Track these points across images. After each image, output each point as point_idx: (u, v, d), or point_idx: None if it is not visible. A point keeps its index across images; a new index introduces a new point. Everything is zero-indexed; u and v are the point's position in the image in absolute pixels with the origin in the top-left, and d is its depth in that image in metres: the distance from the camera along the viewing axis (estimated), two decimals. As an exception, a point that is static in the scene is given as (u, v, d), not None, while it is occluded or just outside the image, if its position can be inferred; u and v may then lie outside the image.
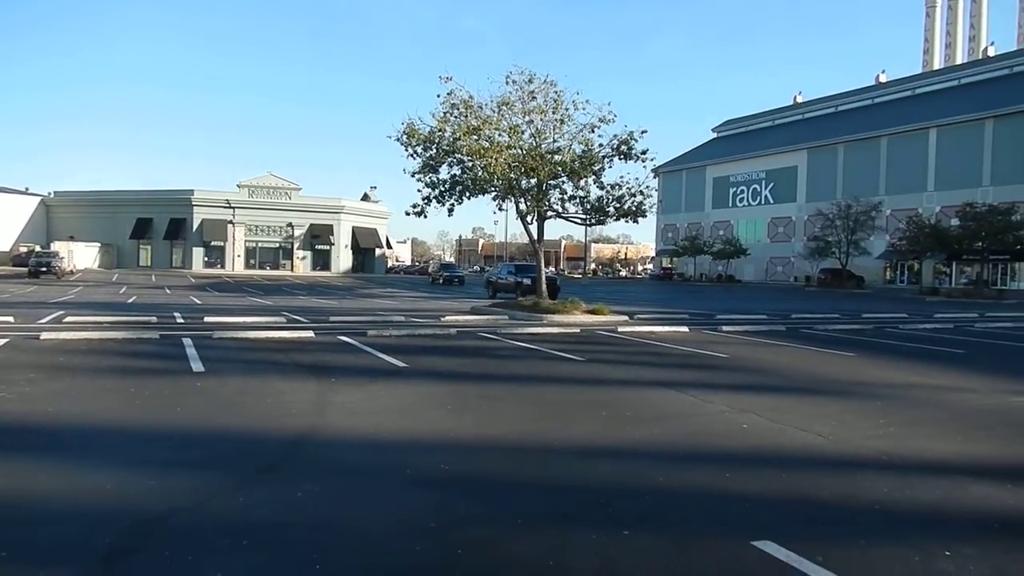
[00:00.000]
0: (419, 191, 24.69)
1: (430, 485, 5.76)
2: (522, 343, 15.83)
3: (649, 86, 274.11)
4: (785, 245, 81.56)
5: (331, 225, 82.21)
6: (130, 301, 28.95)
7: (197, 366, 11.52)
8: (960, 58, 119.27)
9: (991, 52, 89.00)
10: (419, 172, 24.39)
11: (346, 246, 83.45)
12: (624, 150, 23.44)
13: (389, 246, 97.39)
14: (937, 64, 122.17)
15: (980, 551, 4.57)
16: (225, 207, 78.04)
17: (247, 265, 78.76)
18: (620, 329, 19.13)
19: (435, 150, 23.85)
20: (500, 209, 26.29)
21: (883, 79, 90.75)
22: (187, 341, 14.43)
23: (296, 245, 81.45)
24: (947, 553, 4.52)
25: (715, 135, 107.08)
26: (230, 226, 78.29)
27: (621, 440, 7.33)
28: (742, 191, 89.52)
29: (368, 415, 8.34)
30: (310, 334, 16.56)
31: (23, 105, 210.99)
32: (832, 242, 60.49)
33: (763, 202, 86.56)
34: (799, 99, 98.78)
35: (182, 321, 19.48)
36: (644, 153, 23.56)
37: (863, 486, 5.93)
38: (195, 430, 7.58)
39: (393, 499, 5.45)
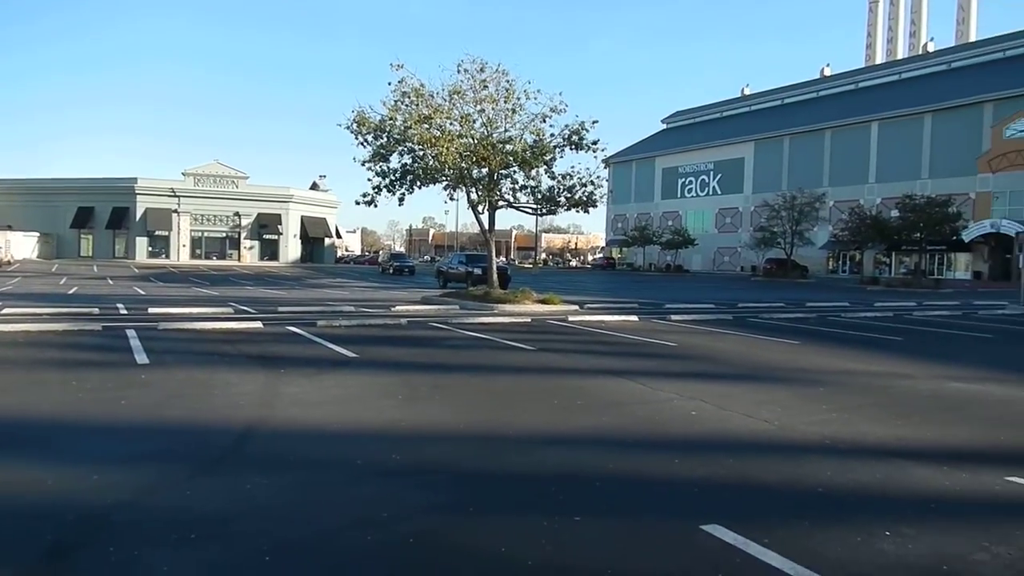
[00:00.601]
0: (369, 180, 24.49)
1: (381, 475, 5.73)
2: (473, 333, 15.83)
3: (601, 77, 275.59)
4: (732, 235, 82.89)
5: (279, 214, 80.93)
6: (71, 292, 28.12)
7: (142, 358, 11.26)
8: (901, 53, 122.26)
9: (930, 48, 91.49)
10: (369, 161, 24.17)
11: (295, 236, 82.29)
12: (575, 140, 23.54)
13: (339, 236, 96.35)
14: (879, 58, 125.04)
15: (918, 531, 4.73)
16: (170, 196, 76.23)
17: (193, 255, 77.13)
18: (570, 318, 19.25)
19: (386, 139, 23.65)
20: (451, 199, 26.24)
21: (827, 72, 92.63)
22: (131, 333, 14.08)
23: (243, 235, 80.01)
24: (887, 533, 4.66)
25: (665, 126, 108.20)
26: (175, 215, 76.54)
27: (572, 428, 7.39)
28: (691, 182, 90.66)
29: (318, 406, 8.26)
30: (258, 325, 16.30)
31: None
32: (777, 232, 61.68)
33: (711, 193, 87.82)
34: (747, 91, 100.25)
35: (125, 312, 19.00)
36: (595, 143, 23.70)
37: (807, 470, 6.08)
38: (140, 423, 7.41)
39: (344, 490, 5.41)
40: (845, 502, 5.32)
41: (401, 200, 24.80)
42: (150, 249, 76.06)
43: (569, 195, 24.17)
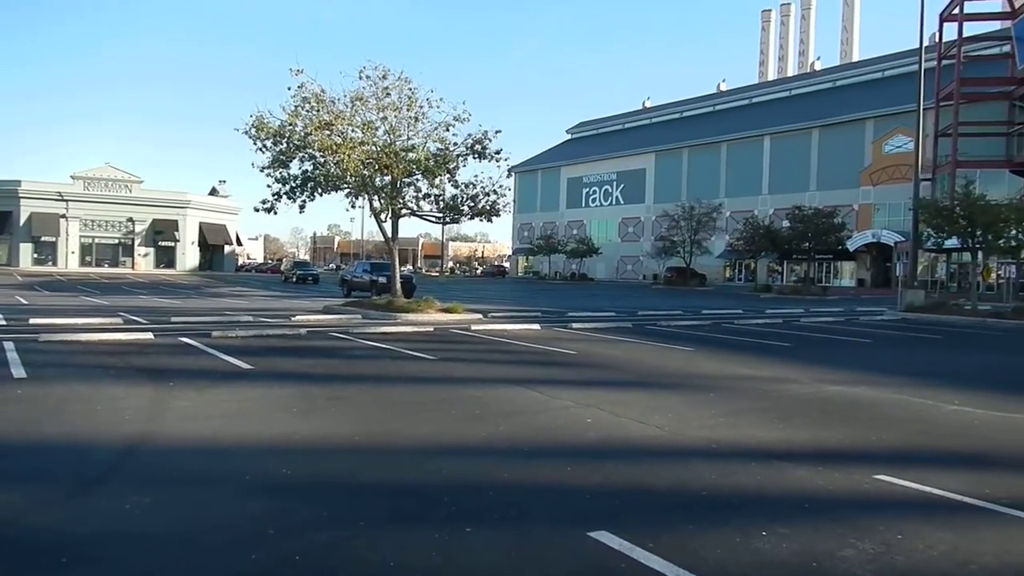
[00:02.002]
0: (269, 187, 23.91)
1: (270, 490, 5.61)
2: (374, 343, 15.67)
3: (507, 88, 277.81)
4: (635, 244, 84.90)
5: (176, 220, 78.02)
6: (-59, 302, 26.33)
7: (19, 372, 10.65)
8: (791, 70, 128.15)
9: (817, 66, 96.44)
10: (269, 167, 23.61)
11: (193, 243, 79.49)
12: (479, 149, 23.63)
13: (239, 243, 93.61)
14: (771, 75, 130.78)
15: (792, 530, 4.96)
16: (57, 200, 72.40)
17: (83, 263, 73.46)
18: (474, 327, 19.32)
19: (286, 144, 23.15)
20: (353, 207, 25.92)
21: (723, 88, 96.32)
22: (8, 345, 13.30)
23: (137, 241, 76.77)
24: (764, 533, 4.87)
25: (569, 136, 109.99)
26: (63, 220, 72.75)
27: (468, 438, 7.42)
28: (595, 192, 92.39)
29: (208, 420, 8.01)
30: (149, 336, 15.68)
31: None
32: (677, 242, 63.58)
33: (614, 203, 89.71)
34: (648, 104, 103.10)
35: (4, 323, 17.94)
36: (498, 153, 23.87)
37: (693, 474, 6.29)
38: (15, 440, 7.02)
39: (230, 507, 5.27)
40: (727, 504, 5.53)
41: (302, 208, 24.35)
42: (35, 256, 72.07)
43: (472, 204, 24.26)
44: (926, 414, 9.13)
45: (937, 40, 56.17)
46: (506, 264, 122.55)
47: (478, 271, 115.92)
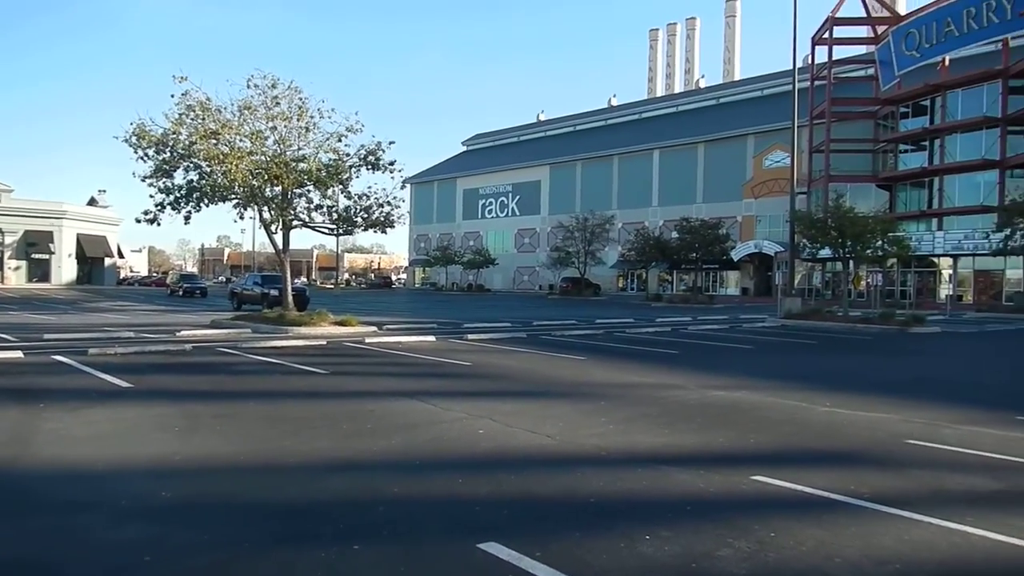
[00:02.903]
0: (152, 197, 22.93)
1: (148, 515, 5.38)
2: (264, 357, 15.26)
3: (403, 101, 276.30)
4: (531, 255, 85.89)
5: (51, 232, 73.57)
6: None
7: None
8: (678, 87, 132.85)
9: (702, 84, 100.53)
10: (151, 176, 22.65)
11: (70, 255, 75.15)
12: (372, 161, 23.42)
13: (121, 255, 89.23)
14: (660, 91, 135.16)
15: (674, 532, 5.14)
16: (-87, 210, 67.16)
17: (-56, 276, 68.32)
18: (368, 340, 19.10)
19: (169, 153, 22.28)
20: (241, 218, 25.16)
21: (615, 103, 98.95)
22: None
23: (8, 254, 71.96)
24: (647, 537, 5.03)
25: (465, 148, 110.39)
26: (-79, 232, 67.51)
27: (359, 453, 7.33)
28: (491, 203, 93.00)
29: (82, 443, 7.60)
30: (18, 355, 14.74)
31: None
32: (572, 253, 64.67)
33: (510, 214, 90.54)
34: (542, 117, 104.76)
35: None
36: (392, 164, 23.70)
37: (582, 481, 6.42)
38: None
39: (103, 534, 5.02)
40: (613, 510, 5.67)
41: (187, 219, 23.45)
42: None
43: (366, 215, 24.02)
44: (800, 416, 9.63)
45: (810, 62, 59.49)
46: (402, 276, 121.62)
47: (363, 283, 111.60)
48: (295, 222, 24.01)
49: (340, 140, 23.16)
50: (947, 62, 52.08)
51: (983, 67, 49.82)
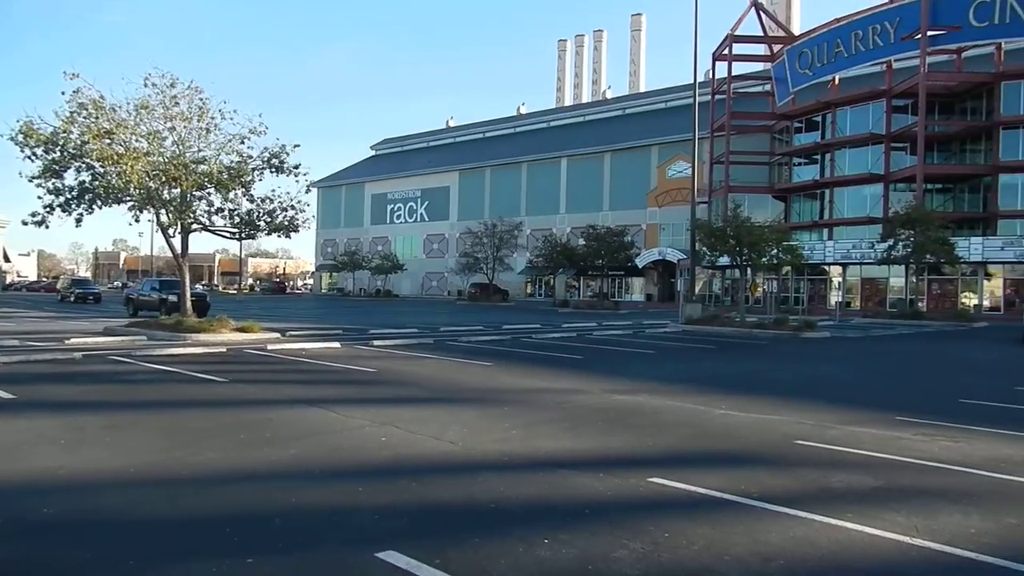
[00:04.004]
0: (40, 198, 21.74)
1: (27, 533, 5.10)
2: (159, 365, 14.69)
3: (311, 101, 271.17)
4: (440, 261, 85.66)
5: (-77, 233, 68.92)
6: None
7: None
8: (586, 97, 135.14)
9: (609, 95, 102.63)
10: (39, 177, 21.48)
11: (-55, 258, 70.57)
12: (276, 163, 22.91)
13: (7, 259, 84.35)
14: (568, 101, 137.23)
15: (572, 535, 5.22)
16: None
17: None
18: (270, 347, 18.65)
19: (59, 153, 21.19)
20: (137, 220, 24.11)
21: (523, 111, 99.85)
22: None
23: None
24: (546, 541, 5.10)
25: (374, 153, 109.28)
26: None
27: (256, 463, 7.15)
28: (399, 208, 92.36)
29: (-46, 459, 7.14)
30: None
31: None
32: (481, 258, 64.86)
33: (419, 219, 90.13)
34: (451, 123, 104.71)
35: None
36: (297, 167, 23.24)
37: (484, 487, 6.45)
38: None
39: (-25, 555, 4.74)
40: (513, 515, 5.72)
41: (79, 221, 22.32)
42: None
43: (270, 219, 23.44)
44: (697, 419, 9.95)
45: (711, 77, 61.62)
46: (308, 281, 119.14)
47: (256, 288, 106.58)
48: (195, 226, 23.22)
49: (243, 142, 22.59)
50: (837, 81, 54.94)
51: (869, 87, 52.73)
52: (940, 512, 5.91)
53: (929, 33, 47.68)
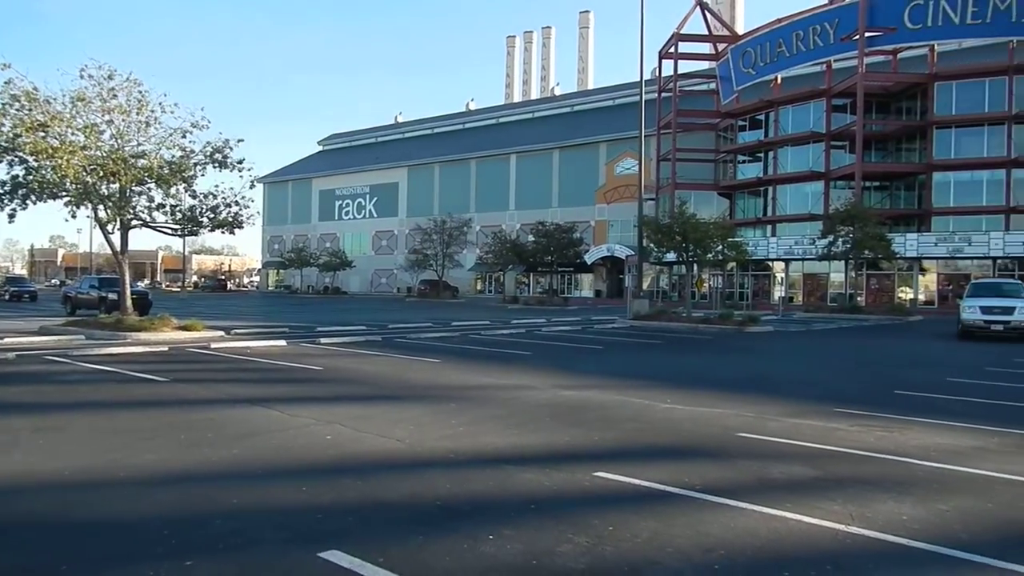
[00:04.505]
0: (-30, 193, 20.97)
1: (-49, 541, 4.92)
2: (98, 365, 14.30)
3: (256, 95, 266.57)
4: (389, 257, 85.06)
5: None
6: None
7: None
8: (535, 94, 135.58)
9: (558, 92, 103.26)
10: (-32, 171, 20.74)
11: None
12: (219, 158, 22.47)
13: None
14: (517, 97, 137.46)
15: (517, 531, 5.24)
16: None
17: None
18: (213, 345, 18.31)
19: (-10, 147, 20.46)
20: (73, 216, 23.38)
21: (472, 107, 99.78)
22: None
23: None
24: (491, 537, 5.10)
25: (321, 148, 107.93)
26: None
27: (197, 464, 7.01)
28: (348, 204, 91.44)
29: None
30: None
31: None
32: (430, 255, 64.64)
33: (368, 216, 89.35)
34: (400, 119, 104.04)
35: None
36: (241, 162, 22.85)
37: (429, 485, 6.43)
38: None
39: None
40: (459, 512, 5.71)
41: (12, 216, 21.61)
42: None
43: (213, 215, 22.97)
44: (643, 413, 10.06)
45: (658, 75, 62.31)
46: (254, 278, 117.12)
47: (193, 286, 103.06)
48: (134, 222, 22.65)
49: (184, 136, 22.10)
50: (779, 80, 56.05)
51: (810, 86, 53.92)
52: (875, 500, 6.08)
53: (867, 34, 48.97)
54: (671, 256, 35.86)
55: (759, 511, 5.74)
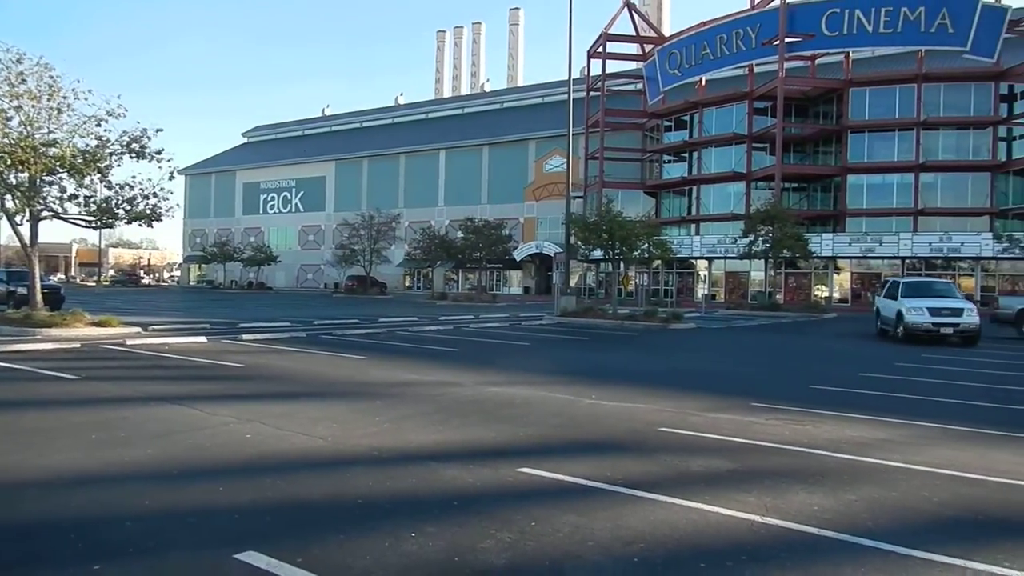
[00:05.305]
0: None
1: None
2: (3, 363, 13.61)
3: (180, 87, 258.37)
4: (315, 253, 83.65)
5: None
6: None
7: None
8: (465, 89, 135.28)
9: (488, 88, 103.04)
10: None
11: None
12: (136, 148, 21.66)
13: None
14: (447, 92, 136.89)
15: (440, 528, 5.22)
16: None
17: None
18: (129, 342, 17.69)
19: None
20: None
21: (402, 101, 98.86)
22: None
23: None
24: (413, 535, 5.07)
25: (246, 140, 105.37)
26: None
27: (108, 464, 6.76)
28: (273, 198, 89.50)
29: None
30: None
31: None
32: (358, 251, 63.76)
33: (294, 210, 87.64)
34: (327, 112, 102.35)
35: None
36: (159, 153, 22.05)
37: (351, 483, 6.36)
38: None
39: None
40: (381, 510, 5.66)
41: (-89, 207, 20.46)
42: None
43: (129, 207, 22.14)
44: (568, 409, 10.16)
45: (586, 74, 62.94)
46: (175, 272, 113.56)
47: (104, 281, 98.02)
48: (45, 213, 21.65)
49: (99, 124, 21.21)
50: (704, 82, 57.34)
51: (733, 89, 55.31)
52: (788, 492, 6.29)
53: (787, 40, 50.55)
54: (598, 254, 36.35)
55: (678, 504, 5.87)
